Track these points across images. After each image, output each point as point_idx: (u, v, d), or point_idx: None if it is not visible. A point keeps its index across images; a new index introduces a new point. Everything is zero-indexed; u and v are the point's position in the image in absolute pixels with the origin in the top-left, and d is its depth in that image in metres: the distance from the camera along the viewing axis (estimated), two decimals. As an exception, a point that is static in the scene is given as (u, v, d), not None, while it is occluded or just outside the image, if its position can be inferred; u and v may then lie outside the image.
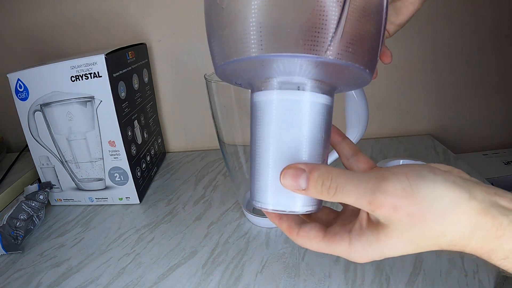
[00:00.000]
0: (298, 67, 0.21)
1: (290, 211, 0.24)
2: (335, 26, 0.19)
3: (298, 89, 0.23)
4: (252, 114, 0.25)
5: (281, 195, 0.23)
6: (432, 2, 0.65)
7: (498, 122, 0.73)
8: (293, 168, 0.22)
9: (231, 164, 0.48)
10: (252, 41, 0.20)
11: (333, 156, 0.41)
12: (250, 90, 0.26)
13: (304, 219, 0.26)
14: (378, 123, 0.74)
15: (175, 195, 0.59)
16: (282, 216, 0.25)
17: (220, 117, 0.44)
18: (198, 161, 0.72)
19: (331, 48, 0.20)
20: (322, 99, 0.23)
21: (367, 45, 0.22)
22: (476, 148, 0.75)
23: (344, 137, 0.28)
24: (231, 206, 0.54)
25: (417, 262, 0.39)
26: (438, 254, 0.40)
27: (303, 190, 0.22)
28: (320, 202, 0.25)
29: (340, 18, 0.20)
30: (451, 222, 0.19)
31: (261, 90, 0.24)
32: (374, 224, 0.21)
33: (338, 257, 0.41)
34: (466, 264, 0.38)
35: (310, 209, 0.24)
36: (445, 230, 0.19)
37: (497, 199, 0.20)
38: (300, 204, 0.23)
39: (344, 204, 0.27)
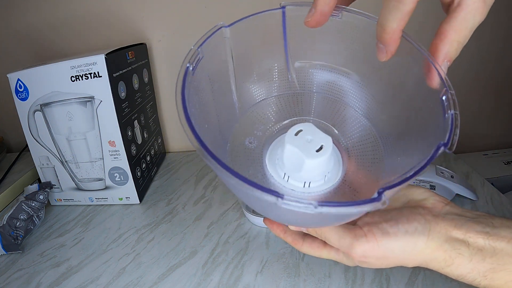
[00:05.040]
0: None
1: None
2: None
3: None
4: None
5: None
6: (433, 3, 0.65)
7: (498, 122, 0.73)
8: (294, 226, 0.30)
9: (231, 164, 0.48)
10: None
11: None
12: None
13: (305, 233, 0.32)
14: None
15: (175, 195, 0.59)
16: (287, 230, 0.32)
17: (220, 117, 0.44)
18: (198, 161, 0.72)
19: None
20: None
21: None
22: (476, 148, 0.75)
23: None
24: (231, 206, 0.54)
25: (417, 262, 0.39)
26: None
27: (305, 230, 0.30)
28: None
29: None
30: (409, 260, 0.26)
31: None
32: None
33: (338, 257, 0.41)
34: (466, 264, 0.38)
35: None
36: (407, 263, 0.26)
37: (454, 233, 0.25)
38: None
39: None
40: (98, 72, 0.49)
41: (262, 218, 0.47)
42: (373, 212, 0.29)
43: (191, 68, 0.26)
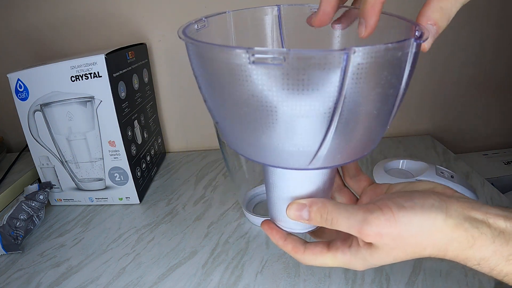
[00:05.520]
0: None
1: (294, 232, 0.30)
2: (316, 149, 0.22)
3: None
4: (264, 168, 0.28)
5: (288, 221, 0.29)
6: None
7: (498, 122, 0.73)
8: (296, 204, 0.27)
9: (231, 164, 0.48)
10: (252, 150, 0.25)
11: None
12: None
13: (305, 241, 0.30)
14: (378, 123, 0.74)
15: (175, 195, 0.59)
16: (287, 238, 0.30)
17: (220, 117, 0.44)
18: (198, 161, 0.72)
19: (314, 162, 0.23)
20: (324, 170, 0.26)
21: (364, 141, 0.24)
22: (476, 148, 0.75)
23: None
24: (231, 206, 0.54)
25: (417, 262, 0.39)
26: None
27: (307, 220, 0.27)
28: None
29: (321, 143, 0.22)
30: (428, 240, 0.23)
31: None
32: (367, 244, 0.25)
33: (338, 257, 0.41)
34: (466, 264, 0.38)
35: (311, 229, 0.30)
36: (424, 246, 0.23)
37: (472, 213, 0.23)
38: (302, 227, 0.29)
39: None
40: (98, 72, 0.49)
41: (262, 218, 0.47)
42: (381, 196, 0.27)
43: (195, 26, 0.26)
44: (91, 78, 0.50)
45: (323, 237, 0.31)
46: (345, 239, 0.27)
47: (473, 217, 0.23)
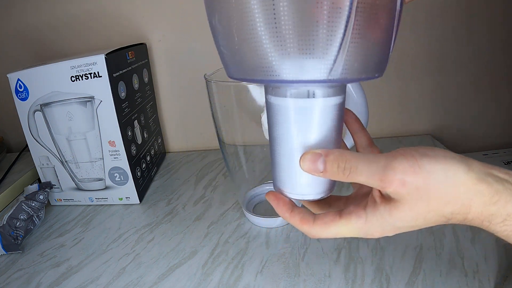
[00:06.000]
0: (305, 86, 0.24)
1: (305, 199, 0.27)
2: (336, 51, 0.21)
3: (308, 95, 0.24)
4: (268, 111, 0.26)
5: (297, 185, 0.26)
6: (433, 4, 0.65)
7: (498, 122, 0.73)
8: (311, 154, 0.24)
9: (231, 164, 0.48)
10: (264, 66, 0.22)
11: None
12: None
13: (314, 213, 0.27)
14: (379, 123, 0.74)
15: (175, 195, 0.59)
16: (294, 209, 0.27)
17: (220, 117, 0.44)
18: (198, 161, 0.72)
19: (335, 69, 0.21)
20: (333, 100, 0.24)
21: (377, 52, 0.23)
22: (476, 148, 0.75)
23: (362, 127, 0.31)
24: (231, 206, 0.54)
25: (417, 262, 0.39)
26: (438, 254, 0.40)
27: (321, 172, 0.24)
28: (330, 187, 0.27)
29: (341, 44, 0.20)
30: (451, 191, 0.22)
31: (275, 95, 0.25)
32: (387, 199, 0.23)
33: (338, 257, 0.41)
34: (466, 264, 0.38)
35: (323, 195, 0.27)
36: (448, 199, 0.22)
37: (494, 171, 0.22)
38: (313, 192, 0.27)
39: (355, 186, 0.30)
40: (98, 72, 0.49)
41: (262, 218, 0.47)
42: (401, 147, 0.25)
43: None
44: (91, 78, 0.50)
45: (331, 209, 0.29)
46: (359, 203, 0.25)
47: (495, 174, 0.22)
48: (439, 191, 0.22)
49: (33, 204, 0.52)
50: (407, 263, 0.39)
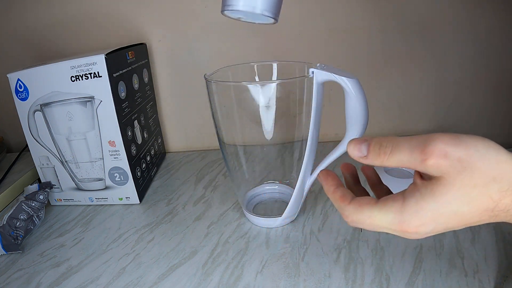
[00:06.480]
0: None
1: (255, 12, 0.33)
2: None
3: None
4: None
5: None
6: (434, 4, 0.65)
7: (498, 122, 0.73)
8: (355, 140, 0.26)
9: (231, 164, 0.48)
10: None
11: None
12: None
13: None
14: (379, 123, 0.74)
15: (175, 195, 0.59)
16: (339, 186, 0.28)
17: (220, 117, 0.44)
18: (198, 161, 0.72)
19: None
20: None
21: None
22: (476, 148, 0.74)
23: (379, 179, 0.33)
24: (231, 206, 0.54)
25: (417, 262, 0.39)
26: (438, 254, 0.40)
27: (364, 156, 0.25)
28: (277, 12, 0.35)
29: None
30: (496, 167, 0.21)
31: None
32: (427, 180, 0.23)
33: (338, 257, 0.41)
34: (466, 264, 0.38)
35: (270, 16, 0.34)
36: (493, 175, 0.21)
37: None
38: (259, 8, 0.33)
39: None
40: (98, 72, 0.49)
41: (262, 218, 0.47)
42: None
43: None
44: (91, 78, 0.50)
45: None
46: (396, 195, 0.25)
47: None
48: (483, 163, 0.21)
49: (33, 204, 0.52)
50: (407, 263, 0.39)
